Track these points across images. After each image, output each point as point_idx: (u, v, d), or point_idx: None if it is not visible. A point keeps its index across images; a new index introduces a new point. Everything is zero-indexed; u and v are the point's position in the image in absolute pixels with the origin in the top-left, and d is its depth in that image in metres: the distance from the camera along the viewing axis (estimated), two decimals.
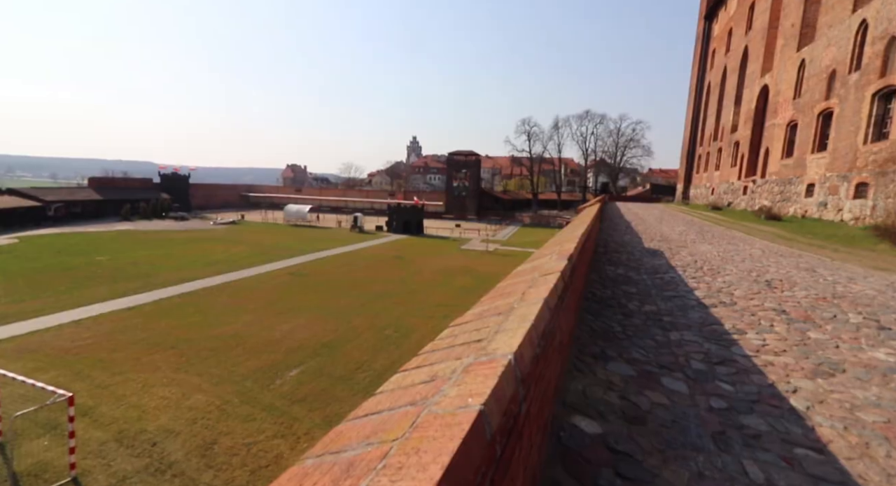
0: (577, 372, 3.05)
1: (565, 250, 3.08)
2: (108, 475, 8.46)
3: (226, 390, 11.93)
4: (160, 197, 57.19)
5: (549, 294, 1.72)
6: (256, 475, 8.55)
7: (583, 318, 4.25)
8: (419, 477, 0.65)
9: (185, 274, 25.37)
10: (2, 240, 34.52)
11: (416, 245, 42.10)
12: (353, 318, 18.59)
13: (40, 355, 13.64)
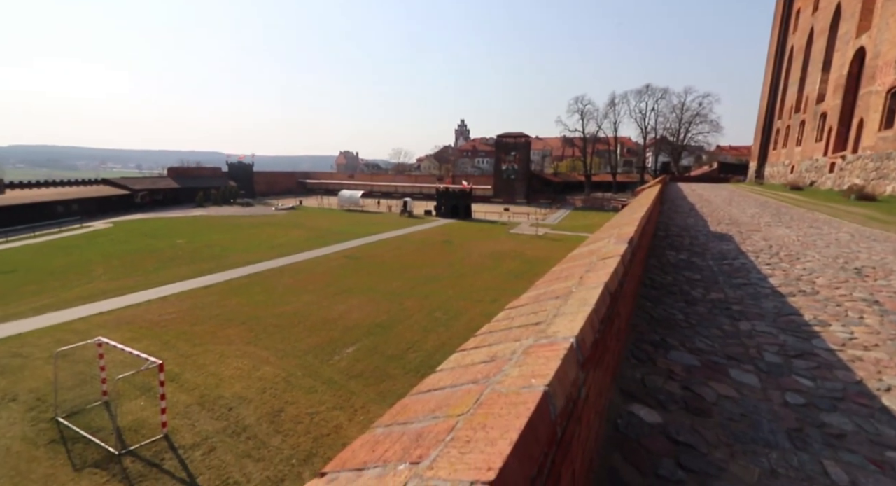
0: (634, 360, 2.96)
1: (625, 233, 2.96)
2: (194, 434, 9.56)
3: (290, 364, 12.90)
4: (228, 184, 61.76)
5: (610, 279, 1.67)
6: (319, 442, 9.25)
7: (641, 305, 4.08)
8: (488, 451, 0.68)
9: (252, 256, 27.41)
10: (100, 225, 39.21)
11: (464, 229, 42.19)
12: (404, 300, 19.17)
13: (134, 326, 15.52)
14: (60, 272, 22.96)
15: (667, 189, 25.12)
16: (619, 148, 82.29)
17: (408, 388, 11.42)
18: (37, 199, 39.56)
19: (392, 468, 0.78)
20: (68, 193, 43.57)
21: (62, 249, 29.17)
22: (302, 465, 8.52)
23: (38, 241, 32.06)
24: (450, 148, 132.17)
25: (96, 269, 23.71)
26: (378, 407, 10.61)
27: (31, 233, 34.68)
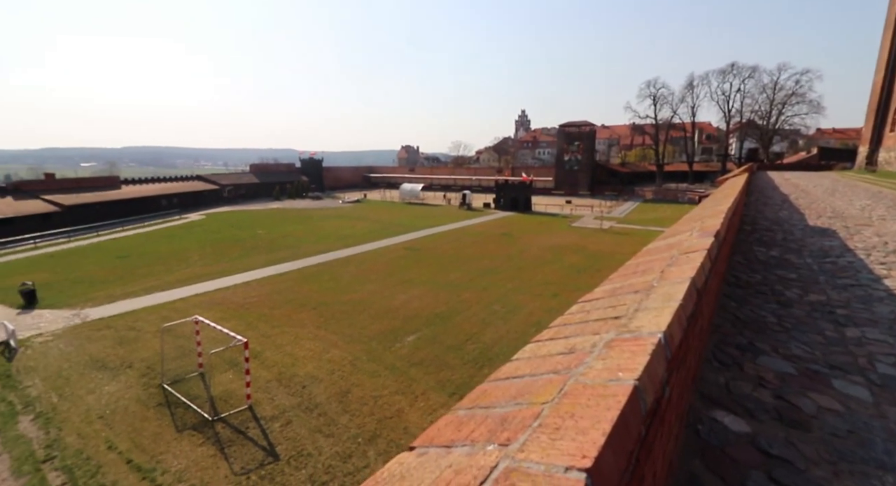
0: (717, 364, 2.75)
1: (709, 226, 2.74)
2: (273, 407, 10.52)
3: (356, 348, 13.66)
4: (301, 179, 66.20)
5: (696, 274, 1.57)
6: (382, 424, 9.73)
7: (724, 305, 3.76)
8: (580, 439, 0.69)
9: (322, 246, 29.25)
10: (195, 216, 44.07)
11: (523, 222, 41.43)
12: (462, 292, 19.36)
13: (223, 307, 17.32)
14: (164, 258, 26.24)
15: (754, 178, 22.61)
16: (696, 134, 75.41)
17: (466, 378, 11.58)
18: (145, 193, 45.45)
19: (481, 447, 0.82)
20: (169, 188, 49.49)
21: (165, 237, 33.29)
22: (367, 444, 9.03)
23: (146, 230, 36.87)
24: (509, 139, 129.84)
25: (192, 255, 26.77)
26: (438, 395, 10.89)
27: (141, 223, 39.96)
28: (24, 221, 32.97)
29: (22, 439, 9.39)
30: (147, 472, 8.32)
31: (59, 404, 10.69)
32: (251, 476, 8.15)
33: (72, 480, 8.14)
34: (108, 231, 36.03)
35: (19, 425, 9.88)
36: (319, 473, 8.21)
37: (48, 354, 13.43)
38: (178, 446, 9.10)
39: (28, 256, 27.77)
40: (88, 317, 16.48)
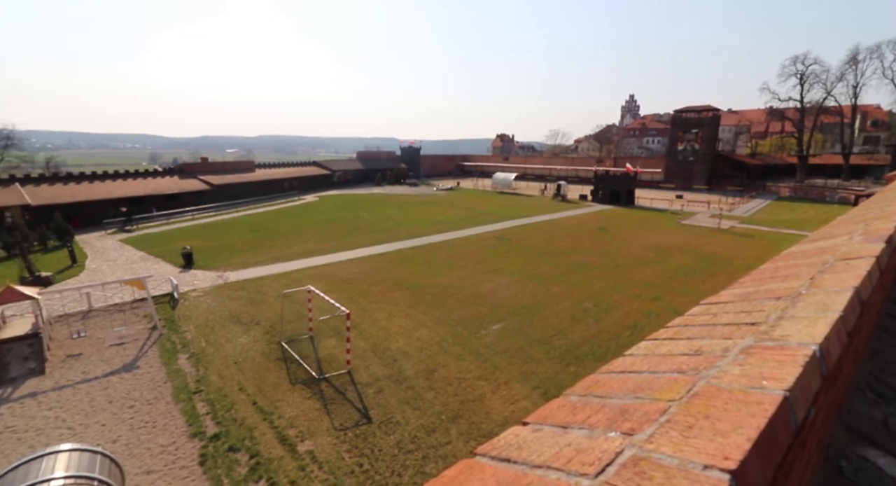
0: (872, 394, 2.30)
1: (877, 230, 2.27)
2: (368, 374, 11.53)
3: (443, 330, 14.22)
4: (400, 166, 69.88)
5: (862, 284, 1.34)
6: (465, 406, 10.06)
7: (887, 326, 3.10)
8: (720, 441, 0.67)
9: (416, 231, 30.71)
10: (310, 198, 49.44)
11: (624, 217, 38.41)
12: (551, 285, 18.80)
13: (330, 281, 19.30)
14: (285, 233, 30.04)
15: None
16: (857, 120, 61.42)
17: (551, 373, 11.33)
18: (272, 176, 52.30)
19: (601, 433, 0.83)
20: (291, 172, 56.17)
21: (286, 215, 38.02)
22: (450, 422, 9.43)
23: (272, 208, 42.50)
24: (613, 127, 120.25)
25: (307, 232, 30.21)
26: (521, 386, 10.85)
27: (269, 202, 46.15)
28: (185, 196, 40.40)
29: (180, 372, 11.73)
30: (267, 414, 9.81)
31: (206, 348, 13.08)
32: (348, 433, 9.11)
33: (213, 411, 9.97)
34: (244, 208, 42.37)
35: (178, 360, 12.35)
36: (406, 441, 8.84)
37: (199, 306, 16.45)
38: (291, 396, 10.53)
39: (187, 225, 34.02)
40: (228, 279, 19.73)
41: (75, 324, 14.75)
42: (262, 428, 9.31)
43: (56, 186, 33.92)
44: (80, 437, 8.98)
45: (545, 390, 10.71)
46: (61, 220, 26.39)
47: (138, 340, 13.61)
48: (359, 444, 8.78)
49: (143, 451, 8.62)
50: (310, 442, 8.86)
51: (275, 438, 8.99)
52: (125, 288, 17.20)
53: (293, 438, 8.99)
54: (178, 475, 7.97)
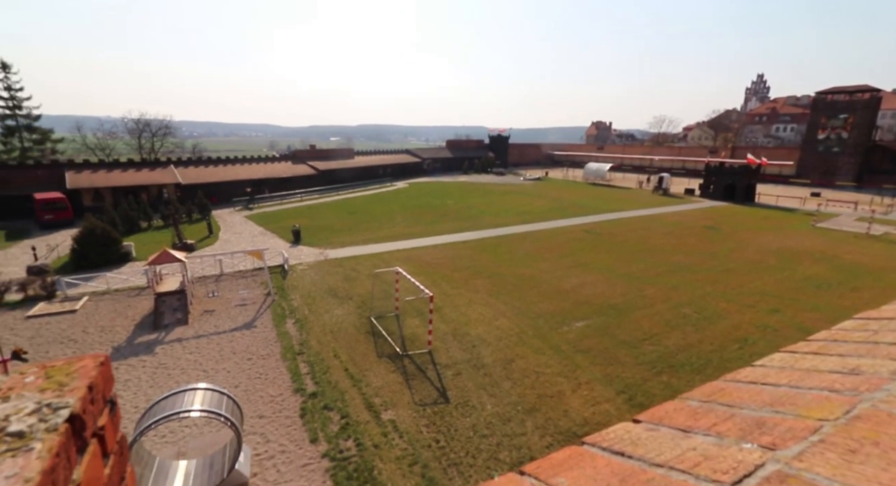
0: None
1: None
2: (447, 356, 11.95)
3: (523, 322, 14.08)
4: (487, 155, 69.65)
5: None
6: (542, 400, 9.92)
7: None
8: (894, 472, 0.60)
9: (500, 220, 30.55)
10: (401, 184, 51.88)
11: (739, 215, 33.74)
12: (644, 286, 17.41)
13: (415, 264, 20.21)
14: (378, 217, 32.07)
15: None
16: None
17: (639, 380, 10.60)
18: (369, 163, 55.89)
19: (733, 442, 0.80)
20: (385, 159, 59.43)
21: (379, 200, 40.48)
22: (525, 414, 9.40)
23: (367, 193, 45.54)
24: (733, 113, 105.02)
25: (397, 217, 31.88)
26: (604, 388, 10.35)
27: (365, 187, 49.50)
28: (296, 179, 45.19)
29: (287, 334, 13.37)
30: (356, 381, 10.75)
31: (308, 315, 14.68)
32: (426, 409, 9.60)
33: (312, 371, 11.22)
34: (344, 192, 46.06)
35: (286, 324, 14.06)
36: (481, 426, 9.04)
37: (304, 278, 18.45)
38: (377, 368, 11.38)
39: (296, 206, 38.10)
40: (328, 256, 21.78)
41: (210, 285, 17.61)
42: (351, 393, 10.24)
43: (199, 169, 40.32)
44: (211, 378, 10.79)
45: (630, 395, 10.08)
46: (203, 197, 31.38)
47: (256, 303, 15.78)
48: (436, 421, 9.21)
49: (256, 398, 10.07)
50: (392, 412, 9.53)
51: (362, 403, 9.84)
52: (248, 257, 19.95)
53: (378, 406, 9.75)
54: (283, 422, 9.18)
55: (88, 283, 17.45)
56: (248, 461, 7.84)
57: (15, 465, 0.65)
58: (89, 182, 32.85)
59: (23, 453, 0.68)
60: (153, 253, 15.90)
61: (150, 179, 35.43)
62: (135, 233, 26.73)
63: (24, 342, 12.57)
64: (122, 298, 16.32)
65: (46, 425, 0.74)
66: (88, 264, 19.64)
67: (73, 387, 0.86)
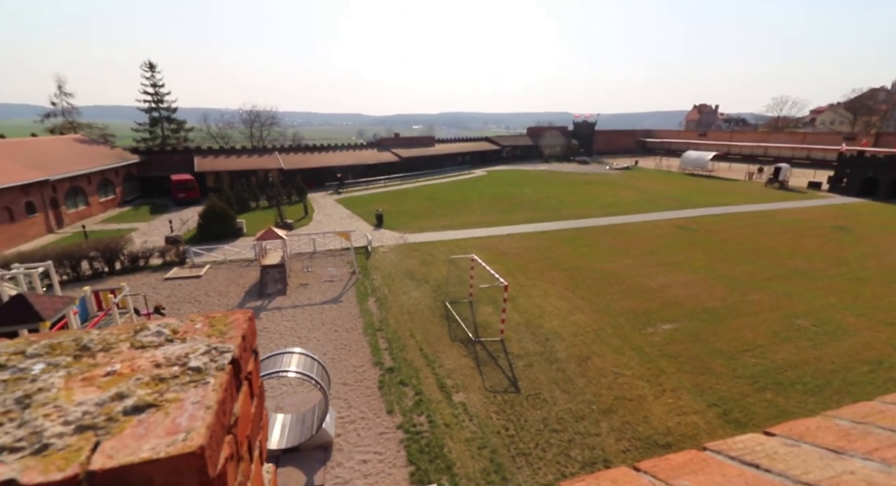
0: None
1: None
2: (519, 346, 11.86)
3: (601, 319, 13.39)
4: (571, 143, 66.38)
5: None
6: (620, 402, 9.41)
7: None
8: None
9: (581, 212, 29.10)
10: (479, 172, 51.83)
11: (880, 215, 28.11)
12: (749, 290, 15.44)
13: (491, 252, 20.18)
14: (455, 204, 32.50)
15: None
16: None
17: (737, 394, 9.54)
18: (448, 151, 56.63)
19: None
20: (464, 147, 59.69)
21: (457, 187, 40.92)
22: (601, 415, 9.00)
23: (446, 180, 46.29)
24: (880, 92, 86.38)
25: (474, 205, 32.00)
26: (693, 399, 9.49)
27: (444, 174, 50.37)
28: (381, 166, 47.52)
29: (369, 311, 14.29)
30: (430, 361, 11.18)
31: (388, 295, 15.52)
32: (497, 397, 9.67)
33: (390, 348, 11.90)
34: (424, 178, 47.38)
35: (368, 302, 15.03)
36: (552, 420, 8.87)
37: (385, 260, 19.49)
38: (450, 351, 11.70)
39: (379, 191, 40.12)
40: (407, 240, 22.70)
41: (305, 261, 19.44)
42: (425, 372, 10.69)
43: (298, 155, 44.29)
44: (303, 344, 12.00)
45: (725, 410, 9.11)
46: (300, 181, 34.50)
47: (343, 280, 17.08)
48: (506, 409, 9.24)
49: (340, 366, 10.99)
50: (463, 395, 9.76)
51: (435, 383, 10.22)
52: (337, 238, 21.60)
53: (449, 387, 10.05)
54: (364, 391, 9.92)
55: (210, 253, 20.31)
56: (333, 422, 8.64)
57: (198, 394, 0.79)
58: (212, 166, 37.91)
59: (202, 385, 0.81)
60: (260, 230, 17.96)
61: (259, 164, 39.78)
62: (245, 212, 30.34)
63: (163, 299, 15.10)
64: (235, 267, 18.75)
65: (216, 364, 0.88)
66: (210, 236, 22.83)
67: (231, 335, 1.01)
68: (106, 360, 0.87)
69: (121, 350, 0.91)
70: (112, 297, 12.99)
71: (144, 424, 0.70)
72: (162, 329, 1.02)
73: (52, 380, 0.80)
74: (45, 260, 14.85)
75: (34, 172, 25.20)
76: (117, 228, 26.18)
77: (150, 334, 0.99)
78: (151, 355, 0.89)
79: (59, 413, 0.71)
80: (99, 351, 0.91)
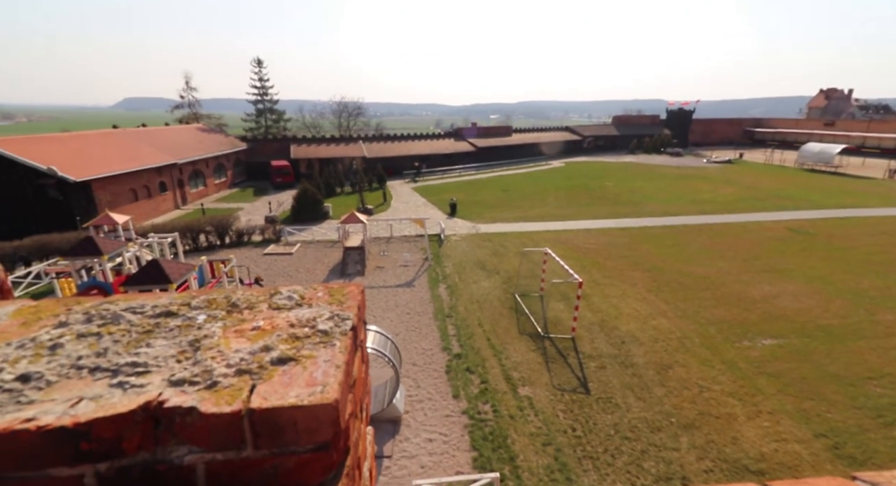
0: None
1: None
2: (591, 347, 11.35)
3: (687, 326, 12.27)
4: (662, 133, 60.84)
5: None
6: (704, 419, 8.61)
7: None
8: None
9: (670, 208, 26.69)
10: (557, 163, 49.91)
11: None
12: (879, 309, 13.06)
13: (565, 247, 19.43)
14: (529, 196, 31.74)
15: None
16: None
17: (854, 428, 8.23)
18: (525, 141, 55.23)
19: None
20: (541, 137, 57.73)
21: (532, 179, 39.86)
22: (681, 430, 8.32)
23: (521, 171, 45.32)
24: None
25: (549, 197, 30.96)
26: (796, 426, 8.35)
27: (519, 165, 49.36)
28: (456, 156, 47.95)
29: (439, 297, 14.66)
30: (497, 351, 11.19)
31: (458, 283, 15.76)
32: (564, 395, 9.40)
33: (458, 334, 12.12)
34: (499, 169, 46.90)
35: (439, 288, 15.40)
36: (624, 427, 8.41)
37: (456, 249, 19.76)
38: (518, 344, 11.59)
39: (454, 181, 40.56)
40: (479, 230, 22.74)
41: (381, 245, 20.46)
42: (492, 362, 10.73)
43: (379, 144, 46.40)
44: (377, 324, 12.71)
45: (837, 443, 7.89)
46: (381, 169, 36.19)
47: (416, 265, 17.70)
48: (573, 409, 8.95)
49: (410, 348, 11.46)
50: (529, 389, 9.65)
51: (500, 374, 10.23)
52: (412, 224, 22.36)
53: (515, 379, 9.99)
54: (431, 374, 10.27)
55: (301, 233, 22.26)
56: (402, 399, 9.09)
57: (328, 354, 0.87)
58: (305, 154, 41.26)
59: (329, 346, 0.90)
60: (343, 214, 19.23)
61: (344, 152, 42.41)
62: (331, 196, 32.66)
63: (261, 272, 16.94)
64: (321, 248, 20.36)
65: (340, 330, 0.97)
66: (302, 218, 25.00)
67: (348, 305, 1.09)
68: (251, 316, 1.00)
69: (261, 309, 1.04)
70: (222, 266, 14.88)
71: (288, 374, 0.79)
72: (292, 294, 1.14)
73: (213, 329, 0.94)
74: (173, 232, 17.46)
75: (166, 156, 29.55)
76: (227, 206, 29.79)
77: (283, 297, 1.12)
78: (286, 316, 1.00)
79: (222, 357, 0.83)
80: (245, 308, 1.04)
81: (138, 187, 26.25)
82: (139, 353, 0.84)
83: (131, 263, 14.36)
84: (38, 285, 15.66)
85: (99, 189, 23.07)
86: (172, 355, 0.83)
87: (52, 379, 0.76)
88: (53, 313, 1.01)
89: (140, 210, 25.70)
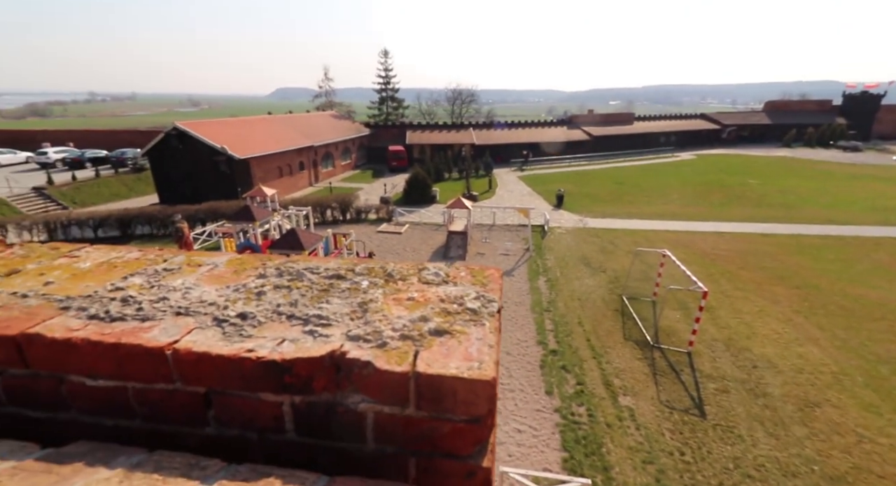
0: None
1: None
2: (712, 366, 10.00)
3: (848, 360, 10.02)
4: (834, 122, 49.44)
5: None
6: (861, 474, 7.01)
7: None
8: None
9: (835, 214, 21.77)
10: (686, 155, 44.23)
11: None
12: None
13: (688, 250, 17.25)
14: (648, 191, 28.75)
15: None
16: None
17: None
18: (649, 130, 49.85)
19: None
20: (669, 125, 51.43)
21: (654, 172, 35.98)
22: (827, 481, 6.90)
23: (641, 163, 41.22)
24: None
25: (673, 193, 27.65)
26: None
27: (639, 156, 44.94)
28: (569, 145, 45.60)
29: (538, 290, 14.30)
30: (597, 354, 10.56)
31: (559, 277, 15.16)
32: (674, 414, 8.49)
33: (556, 330, 11.72)
34: (615, 160, 43.37)
35: (539, 280, 15.02)
36: (747, 464, 7.29)
37: (560, 242, 18.97)
38: (621, 350, 10.76)
39: (563, 171, 38.71)
40: (587, 224, 21.45)
41: (484, 232, 20.65)
42: (590, 364, 10.17)
43: (489, 131, 46.41)
44: None
45: None
46: (488, 156, 36.30)
47: (516, 255, 17.50)
48: (684, 431, 8.04)
49: (505, 337, 11.45)
50: (631, 399, 8.93)
51: (599, 378, 9.64)
52: (516, 213, 22.08)
53: (616, 387, 9.33)
54: (525, 366, 10.15)
55: (410, 215, 23.64)
56: None
57: (479, 332, 0.89)
58: (418, 140, 43.38)
59: (479, 325, 0.92)
60: (450, 199, 19.82)
61: (454, 139, 43.44)
62: (440, 181, 33.91)
63: (375, 248, 18.48)
64: (427, 230, 21.38)
65: (487, 310, 0.98)
66: (412, 201, 26.53)
67: (490, 287, 1.10)
68: (405, 287, 1.08)
69: (413, 282, 1.11)
70: (343, 240, 16.62)
71: (445, 346, 0.83)
72: (438, 271, 1.19)
73: (376, 294, 1.03)
74: (306, 206, 20.02)
75: (305, 139, 33.76)
76: (350, 186, 33.01)
77: (430, 273, 1.18)
78: (435, 291, 1.05)
79: (387, 321, 0.91)
80: (399, 279, 1.13)
81: (283, 165, 30.54)
82: (322, 307, 0.96)
83: (275, 230, 16.91)
84: (210, 242, 19.38)
85: (255, 166, 27.44)
86: (346, 313, 0.94)
87: (262, 320, 0.91)
88: (253, 265, 1.22)
89: (283, 185, 29.94)
